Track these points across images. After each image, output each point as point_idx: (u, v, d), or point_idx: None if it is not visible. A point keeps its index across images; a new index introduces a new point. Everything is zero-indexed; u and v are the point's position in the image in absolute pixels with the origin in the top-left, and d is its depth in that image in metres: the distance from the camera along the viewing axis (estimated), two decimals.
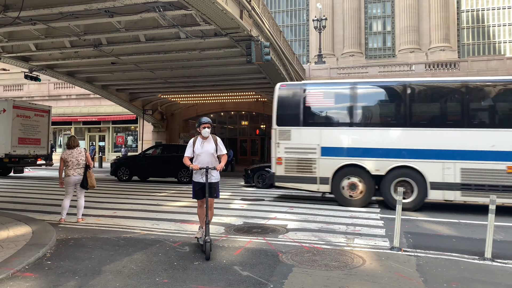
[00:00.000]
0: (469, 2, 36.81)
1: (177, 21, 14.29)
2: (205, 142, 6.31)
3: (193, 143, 6.35)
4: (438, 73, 26.67)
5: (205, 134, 6.24)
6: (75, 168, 8.28)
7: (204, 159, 6.24)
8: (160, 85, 24.98)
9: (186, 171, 17.72)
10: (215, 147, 6.31)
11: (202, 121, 6.25)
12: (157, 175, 19.01)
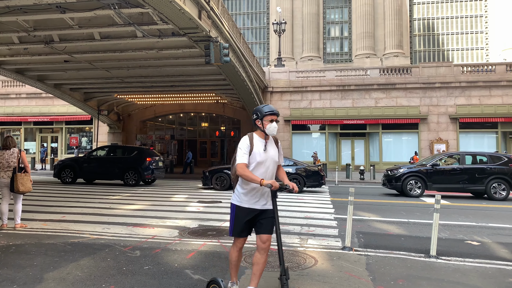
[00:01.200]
0: (420, 11, 38.55)
1: (134, 19, 13.92)
2: (268, 143, 4.09)
3: (250, 143, 3.97)
4: (391, 78, 27.70)
5: (272, 131, 3.99)
6: (5, 171, 7.76)
7: (269, 171, 4.04)
8: (116, 85, 24.26)
9: (134, 173, 17.25)
10: (277, 152, 4.16)
11: (266, 110, 3.99)
12: (102, 177, 18.38)
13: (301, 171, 15.74)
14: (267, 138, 4.08)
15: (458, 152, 17.08)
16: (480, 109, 26.55)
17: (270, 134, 4.01)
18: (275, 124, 4.01)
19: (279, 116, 17.20)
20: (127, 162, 17.69)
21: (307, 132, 29.09)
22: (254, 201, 3.97)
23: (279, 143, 4.22)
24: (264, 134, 4.04)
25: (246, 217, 3.96)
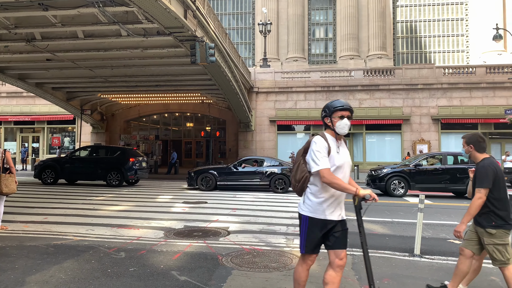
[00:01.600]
0: (404, 13, 39.13)
1: (118, 18, 13.76)
2: (341, 144, 3.64)
3: (327, 146, 3.45)
4: (375, 79, 28.03)
5: (343, 129, 3.51)
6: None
7: (346, 177, 3.60)
8: (100, 84, 23.93)
9: (117, 174, 17.07)
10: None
11: (337, 105, 3.54)
12: (85, 178, 18.12)
13: (286, 171, 15.79)
14: (339, 138, 3.59)
15: (440, 152, 17.40)
16: (461, 110, 27.08)
17: (341, 133, 3.50)
18: (347, 120, 3.48)
19: (264, 116, 17.20)
20: (110, 162, 17.48)
21: (292, 133, 29.21)
22: (331, 211, 3.48)
23: (346, 143, 3.75)
24: (335, 133, 3.53)
25: (322, 230, 3.44)
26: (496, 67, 27.63)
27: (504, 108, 25.07)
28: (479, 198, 4.09)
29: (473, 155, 4.36)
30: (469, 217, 4.19)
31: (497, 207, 4.11)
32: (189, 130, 34.08)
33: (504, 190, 4.15)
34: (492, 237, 4.12)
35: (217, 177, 15.88)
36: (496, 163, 4.23)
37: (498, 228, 4.10)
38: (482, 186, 4.09)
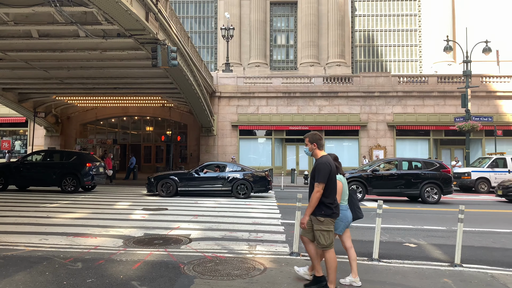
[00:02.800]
0: (361, 23, 40.48)
1: (77, 18, 13.28)
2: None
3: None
4: (334, 86, 28.76)
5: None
6: None
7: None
8: (55, 86, 22.96)
9: (72, 179, 16.46)
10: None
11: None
12: (38, 184, 17.24)
13: (248, 177, 15.83)
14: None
15: (396, 158, 18.08)
16: (415, 117, 28.33)
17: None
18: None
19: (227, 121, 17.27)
20: (65, 167, 16.78)
21: (254, 138, 29.36)
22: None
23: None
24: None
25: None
26: (447, 77, 29.18)
27: (453, 116, 26.48)
28: (317, 192, 4.66)
29: (314, 153, 4.91)
30: (311, 209, 4.76)
31: (329, 199, 4.73)
32: (149, 134, 33.41)
33: (334, 185, 4.78)
34: (320, 224, 4.75)
35: (178, 182, 15.65)
36: (331, 160, 4.83)
37: (327, 216, 4.74)
38: (320, 181, 4.65)
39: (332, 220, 4.80)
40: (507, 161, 20.51)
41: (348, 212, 5.36)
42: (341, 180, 5.20)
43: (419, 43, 39.73)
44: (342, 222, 5.26)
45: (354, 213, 5.46)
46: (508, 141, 27.91)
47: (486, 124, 25.25)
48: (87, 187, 17.64)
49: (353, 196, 5.53)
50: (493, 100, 28.23)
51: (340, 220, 5.18)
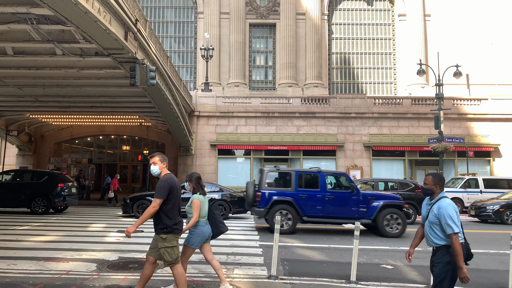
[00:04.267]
0: (338, 45, 41.49)
1: (54, 36, 13.13)
2: None
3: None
4: (312, 107, 29.18)
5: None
6: None
7: None
8: (29, 104, 22.41)
9: (43, 200, 15.97)
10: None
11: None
12: (6, 205, 16.52)
13: (226, 197, 15.72)
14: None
15: (372, 179, 18.36)
16: (390, 138, 28.93)
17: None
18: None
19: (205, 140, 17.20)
20: (35, 188, 16.26)
21: (233, 157, 29.29)
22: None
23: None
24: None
25: None
26: (420, 99, 30.07)
27: (427, 137, 27.18)
28: (153, 207, 4.77)
29: (162, 172, 5.12)
30: (141, 221, 4.84)
31: (168, 216, 4.87)
32: (126, 154, 32.87)
33: (176, 202, 4.97)
34: (164, 241, 4.85)
35: None
36: (173, 178, 5.07)
37: (169, 233, 4.87)
38: (157, 197, 4.80)
39: (174, 236, 4.96)
40: (479, 181, 21.12)
41: (206, 227, 5.68)
42: (199, 198, 5.54)
43: (394, 66, 40.95)
44: (198, 237, 5.57)
45: (216, 228, 5.81)
46: (479, 162, 28.77)
47: (458, 145, 26.01)
48: (58, 208, 17.11)
49: (214, 212, 5.87)
50: (464, 122, 29.19)
51: (196, 235, 5.54)
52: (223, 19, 39.31)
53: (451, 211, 4.13)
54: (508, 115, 28.96)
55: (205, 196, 5.75)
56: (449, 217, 4.09)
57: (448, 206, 4.17)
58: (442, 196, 4.32)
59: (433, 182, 4.40)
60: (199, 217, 5.56)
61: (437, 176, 4.47)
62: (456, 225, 4.06)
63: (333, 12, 41.33)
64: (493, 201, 16.55)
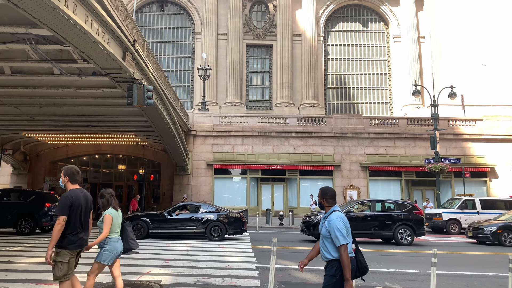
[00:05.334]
0: (334, 66, 41.99)
1: (52, 56, 13.22)
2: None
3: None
4: (308, 126, 29.30)
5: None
6: None
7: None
8: (25, 123, 22.39)
9: (29, 220, 15.74)
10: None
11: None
12: None
13: (222, 218, 15.56)
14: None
15: (369, 199, 18.27)
16: (387, 158, 28.99)
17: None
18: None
19: (202, 160, 17.18)
20: (22, 207, 16.03)
21: (229, 177, 29.18)
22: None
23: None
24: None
25: None
26: (416, 119, 30.29)
27: (423, 157, 27.26)
28: (58, 224, 4.73)
29: (66, 186, 5.13)
30: (53, 243, 4.77)
31: (69, 230, 4.82)
32: (121, 173, 32.68)
33: (75, 217, 4.90)
34: (56, 255, 4.80)
35: (150, 224, 15.20)
36: (75, 193, 4.98)
37: (63, 248, 4.81)
38: (60, 214, 4.77)
39: (69, 252, 4.86)
40: (476, 202, 21.07)
41: (119, 244, 5.64)
42: (111, 213, 5.51)
43: (389, 86, 41.39)
44: (110, 253, 5.53)
45: (127, 244, 5.79)
46: (476, 183, 28.79)
47: (455, 165, 26.08)
48: (45, 229, 16.80)
49: (126, 228, 5.83)
50: (460, 143, 29.33)
51: (109, 251, 5.49)
52: (220, 40, 39.82)
53: (339, 224, 4.20)
54: (503, 135, 29.18)
55: (117, 211, 5.70)
56: (337, 229, 4.16)
57: (336, 219, 4.25)
58: (334, 210, 4.39)
59: (321, 196, 4.53)
60: (112, 232, 5.53)
61: (323, 190, 4.56)
62: (344, 237, 4.14)
63: (329, 34, 41.98)
64: (490, 222, 16.47)
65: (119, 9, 12.56)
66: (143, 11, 41.11)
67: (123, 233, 5.75)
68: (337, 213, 4.33)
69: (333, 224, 4.20)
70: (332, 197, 4.48)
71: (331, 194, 4.49)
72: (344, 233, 4.14)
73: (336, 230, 4.16)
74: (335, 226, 4.18)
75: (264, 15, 41.15)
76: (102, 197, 5.68)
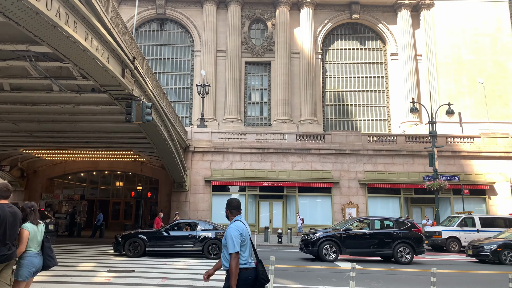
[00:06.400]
0: (332, 83, 42.30)
1: (51, 72, 13.28)
2: None
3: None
4: (307, 143, 29.30)
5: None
6: None
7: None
8: (23, 139, 22.35)
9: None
10: None
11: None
12: None
13: (220, 236, 15.38)
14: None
15: (368, 217, 18.14)
16: (385, 175, 28.92)
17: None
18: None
19: (200, 176, 17.07)
20: None
21: (227, 194, 28.98)
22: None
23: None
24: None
25: None
26: (414, 136, 30.34)
27: (422, 174, 27.21)
28: None
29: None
30: None
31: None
32: (119, 190, 32.50)
33: (4, 232, 4.89)
34: None
35: (147, 242, 15.02)
36: (2, 208, 4.96)
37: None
38: None
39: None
40: (475, 220, 20.95)
41: (37, 259, 5.53)
42: (28, 228, 5.41)
43: (387, 103, 41.62)
44: (27, 269, 5.40)
45: (45, 261, 5.63)
46: (475, 200, 28.69)
47: (453, 183, 26.01)
48: None
49: (45, 244, 5.70)
50: (458, 160, 29.33)
51: (26, 266, 5.37)
52: (219, 57, 40.18)
53: (233, 232, 4.30)
54: (501, 152, 29.23)
55: (37, 226, 5.59)
56: (230, 237, 4.27)
57: (232, 227, 4.37)
58: (236, 219, 4.52)
59: (226, 207, 4.68)
60: (30, 247, 5.41)
61: (228, 201, 4.72)
62: (234, 245, 4.22)
63: (327, 51, 42.41)
64: (490, 241, 16.34)
65: (119, 27, 12.68)
66: (143, 28, 41.54)
67: (42, 249, 5.63)
68: (236, 223, 4.45)
69: (228, 233, 4.32)
70: (236, 208, 4.63)
71: (235, 205, 4.64)
72: (238, 242, 4.24)
73: (229, 238, 4.27)
74: (229, 234, 4.30)
75: (263, 33, 41.63)
76: (23, 211, 5.55)
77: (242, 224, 4.45)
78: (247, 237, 4.39)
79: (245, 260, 4.22)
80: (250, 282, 4.23)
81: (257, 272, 4.31)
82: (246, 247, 4.32)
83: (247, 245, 4.31)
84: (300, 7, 40.67)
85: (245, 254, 4.29)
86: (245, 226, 4.48)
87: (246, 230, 4.45)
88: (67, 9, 8.77)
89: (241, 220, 4.51)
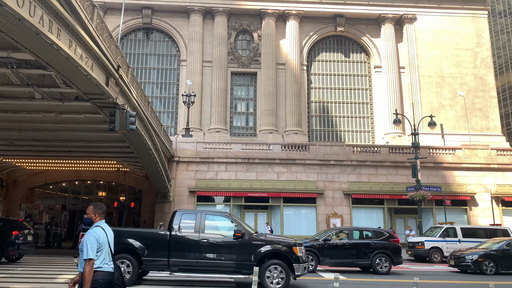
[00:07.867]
0: (317, 94, 42.72)
1: (33, 80, 13.10)
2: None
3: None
4: (292, 153, 29.41)
5: None
6: None
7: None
8: (3, 147, 21.86)
9: None
10: None
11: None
12: None
13: None
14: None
15: (347, 227, 18.24)
16: (369, 186, 29.17)
17: None
18: None
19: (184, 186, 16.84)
20: None
21: (212, 204, 28.81)
22: None
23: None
24: None
25: None
26: (397, 147, 30.75)
27: (405, 185, 27.52)
28: None
29: None
30: None
31: None
32: (101, 200, 31.91)
33: None
34: None
35: None
36: None
37: None
38: None
39: None
40: (457, 230, 21.24)
41: None
42: None
43: (371, 115, 42.17)
44: None
45: None
46: (456, 211, 29.11)
47: (436, 194, 26.39)
48: (12, 258, 16.03)
49: None
50: (440, 171, 29.81)
51: None
52: (205, 67, 40.23)
53: (90, 238, 4.38)
54: (481, 164, 29.81)
55: None
56: (85, 243, 4.35)
57: (89, 233, 4.45)
58: (97, 225, 4.60)
59: (93, 211, 4.72)
60: None
61: (97, 205, 4.81)
62: (89, 251, 4.30)
63: (312, 63, 42.89)
64: (472, 251, 16.57)
65: (104, 35, 12.63)
66: (128, 37, 41.40)
67: None
68: (94, 228, 4.52)
69: (85, 238, 4.39)
70: (103, 212, 4.76)
71: (102, 209, 4.80)
72: (94, 248, 4.32)
73: (84, 244, 4.34)
74: (86, 239, 4.36)
75: (249, 44, 41.90)
76: None
77: (101, 229, 4.53)
78: (104, 242, 4.47)
79: (100, 263, 4.34)
80: (103, 284, 4.30)
81: (113, 277, 4.42)
82: (102, 252, 4.42)
83: (103, 250, 4.42)
84: (286, 19, 41.12)
85: (99, 258, 4.39)
86: (105, 232, 4.57)
87: (105, 235, 4.53)
88: (50, 16, 8.70)
89: (101, 226, 4.58)
